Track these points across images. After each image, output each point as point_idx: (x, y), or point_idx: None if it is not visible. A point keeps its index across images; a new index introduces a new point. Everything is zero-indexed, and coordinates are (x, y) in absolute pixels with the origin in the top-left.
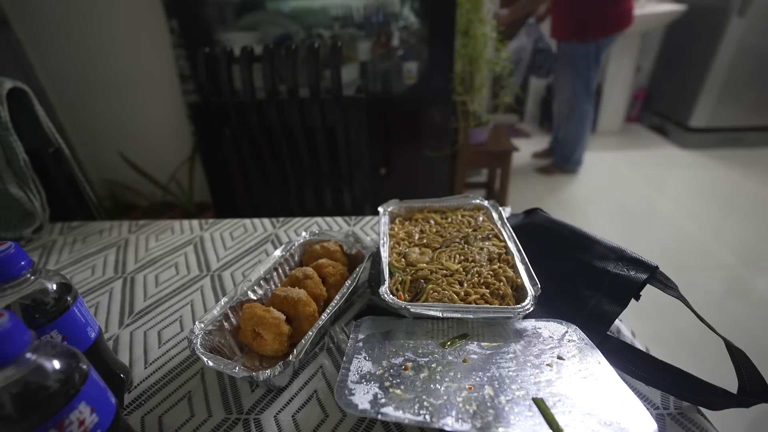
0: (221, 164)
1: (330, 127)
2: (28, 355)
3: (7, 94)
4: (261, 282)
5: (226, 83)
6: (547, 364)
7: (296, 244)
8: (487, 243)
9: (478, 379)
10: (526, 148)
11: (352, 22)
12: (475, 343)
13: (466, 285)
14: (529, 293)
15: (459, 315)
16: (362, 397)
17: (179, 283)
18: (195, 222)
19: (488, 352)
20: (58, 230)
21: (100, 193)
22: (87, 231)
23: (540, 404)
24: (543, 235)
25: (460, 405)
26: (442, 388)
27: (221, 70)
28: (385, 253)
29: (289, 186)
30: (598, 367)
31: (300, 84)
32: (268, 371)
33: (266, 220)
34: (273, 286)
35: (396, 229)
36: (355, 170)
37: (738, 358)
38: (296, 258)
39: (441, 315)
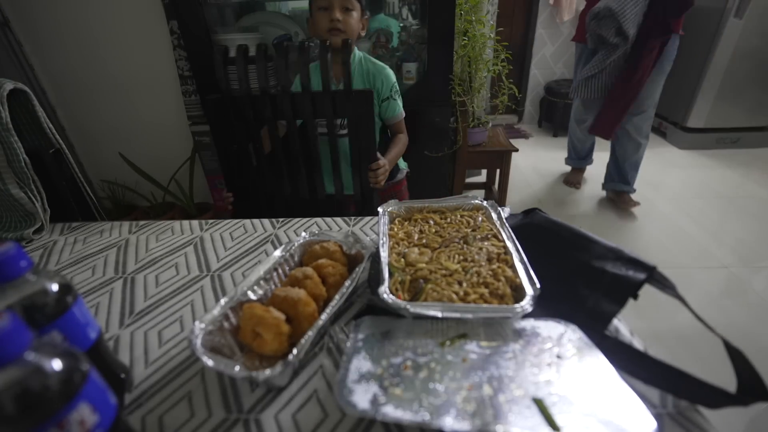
0: (236, 158)
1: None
2: (29, 355)
3: (7, 95)
4: (261, 282)
5: (243, 80)
6: (547, 364)
7: (296, 244)
8: (486, 243)
9: (477, 378)
10: (526, 149)
11: None
12: (475, 342)
13: (465, 285)
14: (528, 293)
15: (458, 315)
16: (362, 397)
17: (179, 284)
18: (195, 222)
19: (487, 351)
20: (59, 231)
21: (100, 193)
22: (87, 231)
23: (539, 404)
24: (542, 235)
25: (460, 404)
26: (442, 388)
27: (239, 67)
28: (384, 253)
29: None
30: (597, 366)
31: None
32: (268, 371)
33: (266, 221)
34: (273, 286)
35: (395, 230)
36: (364, 161)
37: (736, 357)
38: (296, 258)
39: (440, 315)
